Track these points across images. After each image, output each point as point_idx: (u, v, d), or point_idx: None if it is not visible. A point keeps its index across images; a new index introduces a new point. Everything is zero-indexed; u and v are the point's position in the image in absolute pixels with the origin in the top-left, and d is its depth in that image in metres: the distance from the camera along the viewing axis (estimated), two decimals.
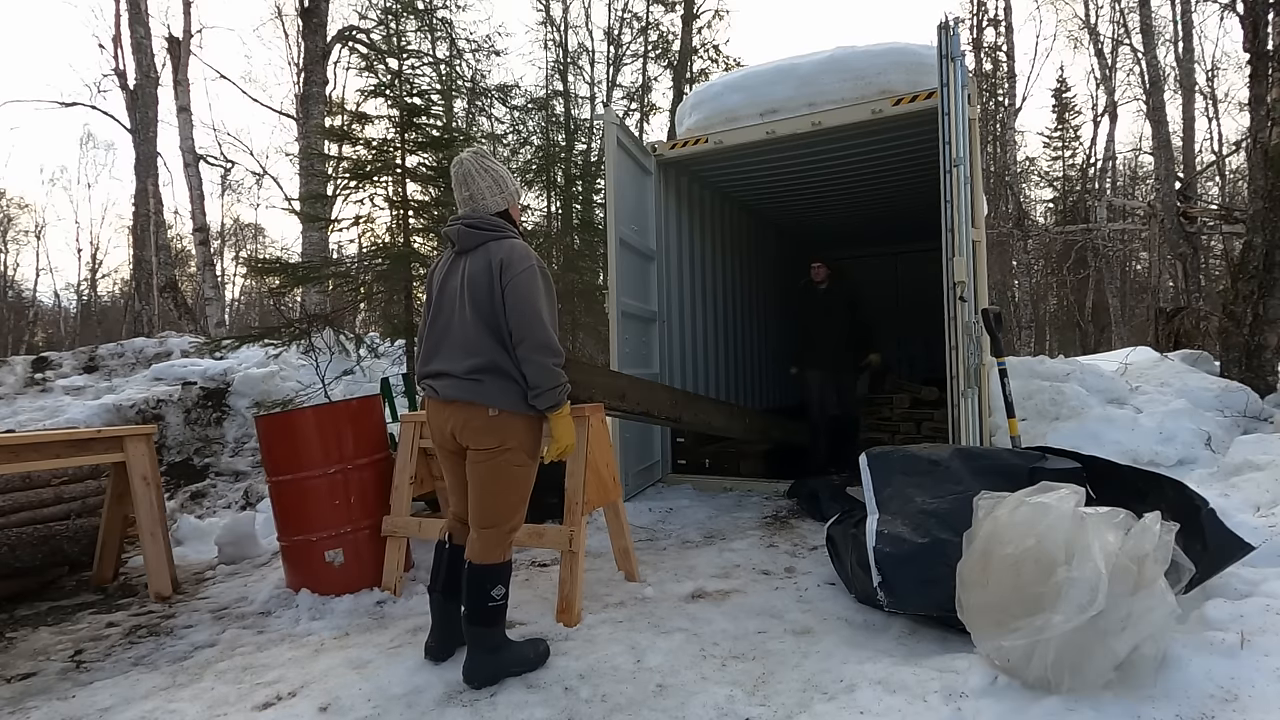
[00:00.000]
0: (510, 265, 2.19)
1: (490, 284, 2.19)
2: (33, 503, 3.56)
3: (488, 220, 2.29)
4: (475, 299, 2.21)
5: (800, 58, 5.13)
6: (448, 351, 2.23)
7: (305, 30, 10.69)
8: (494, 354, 2.18)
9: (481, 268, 2.21)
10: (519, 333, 2.15)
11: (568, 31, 20.15)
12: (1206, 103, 19.68)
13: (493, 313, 2.19)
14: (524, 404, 2.20)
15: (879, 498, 2.64)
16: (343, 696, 2.12)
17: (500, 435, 2.19)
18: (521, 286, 2.17)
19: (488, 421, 2.18)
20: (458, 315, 2.24)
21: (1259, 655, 1.81)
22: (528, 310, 2.16)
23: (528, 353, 2.15)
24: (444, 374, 2.22)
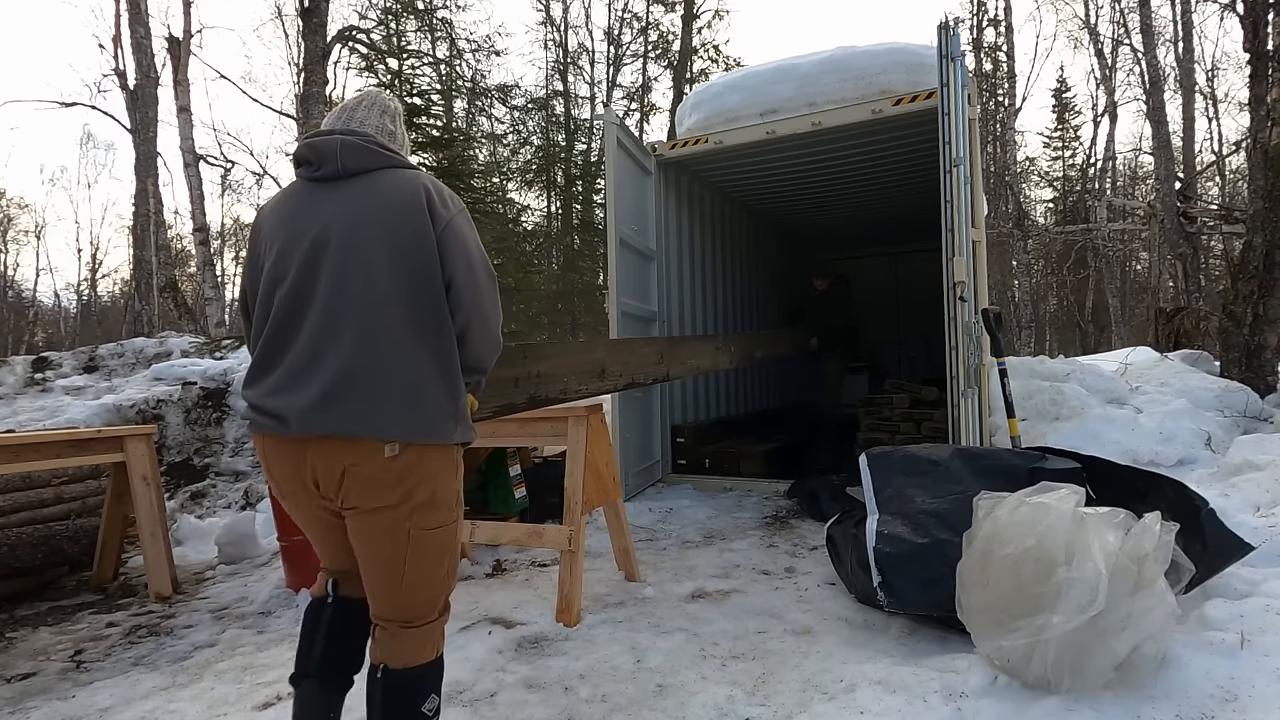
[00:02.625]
0: (444, 198, 1.54)
1: (411, 225, 1.45)
2: (33, 503, 3.56)
3: (383, 143, 1.58)
4: (372, 252, 1.43)
5: (800, 58, 5.13)
6: (307, 350, 1.41)
7: (305, 30, 10.68)
8: (400, 347, 1.41)
9: (388, 204, 1.47)
10: (471, 295, 1.48)
11: (568, 31, 20.17)
12: (1206, 103, 19.70)
13: (410, 273, 1.44)
14: (444, 427, 1.45)
15: (879, 498, 2.64)
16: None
17: (406, 484, 1.42)
18: (468, 230, 1.54)
19: (384, 466, 1.40)
20: (329, 285, 1.42)
21: (1259, 655, 1.81)
22: (479, 263, 1.52)
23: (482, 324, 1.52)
24: (297, 390, 1.40)
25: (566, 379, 2.42)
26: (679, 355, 3.32)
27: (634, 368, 2.88)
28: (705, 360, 3.69)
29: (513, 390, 2.12)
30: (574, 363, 2.50)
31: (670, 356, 3.18)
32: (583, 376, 2.53)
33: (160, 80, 12.05)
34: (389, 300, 1.42)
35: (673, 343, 3.41)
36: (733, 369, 5.84)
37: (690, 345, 3.55)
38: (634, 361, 2.89)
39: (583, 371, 2.54)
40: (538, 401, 2.22)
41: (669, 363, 3.17)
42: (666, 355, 3.16)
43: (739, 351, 4.29)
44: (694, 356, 3.51)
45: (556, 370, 2.34)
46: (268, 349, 1.46)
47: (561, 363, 2.38)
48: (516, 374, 2.13)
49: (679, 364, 3.31)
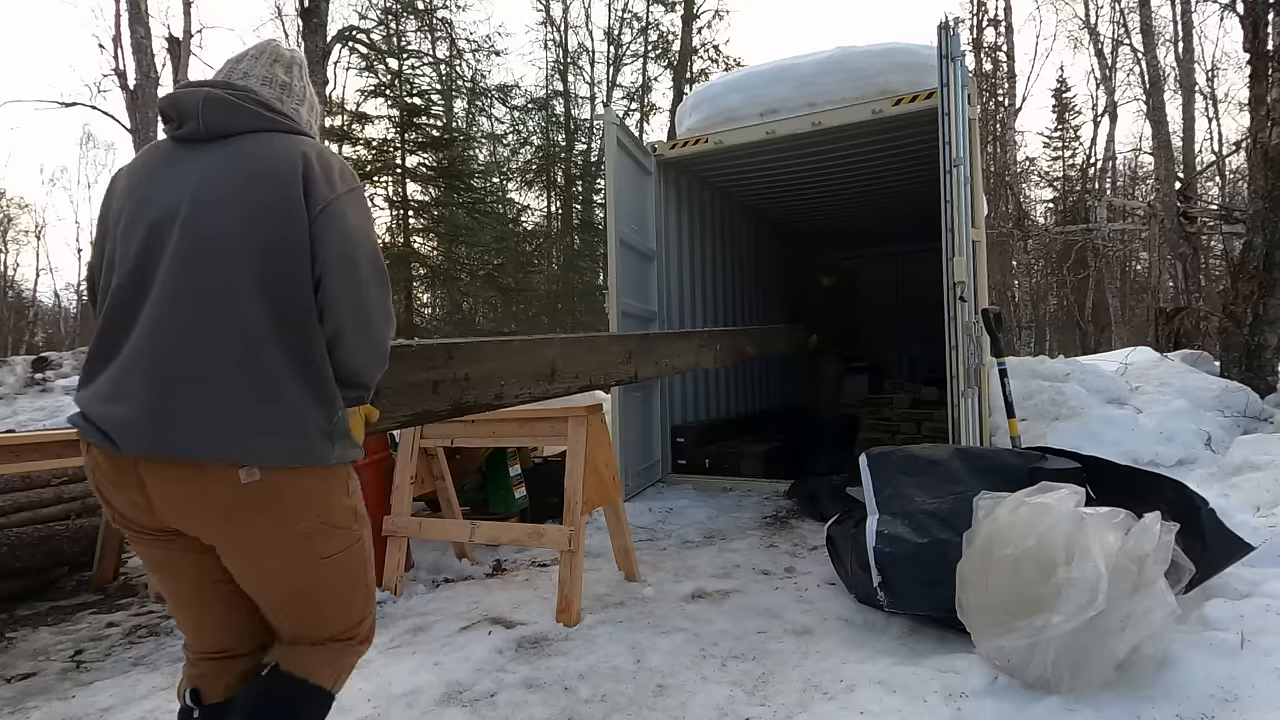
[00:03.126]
0: (329, 173, 1.26)
1: (276, 204, 1.20)
2: (33, 503, 3.56)
3: (264, 99, 1.33)
4: (224, 233, 1.18)
5: (800, 58, 5.13)
6: (140, 349, 1.15)
7: (305, 30, 10.68)
8: (255, 350, 1.16)
9: (252, 175, 1.22)
10: (344, 294, 1.23)
11: (568, 31, 20.18)
12: (1206, 103, 19.70)
13: (268, 262, 1.19)
14: (316, 447, 1.21)
15: (879, 498, 2.64)
16: (342, 696, 2.11)
17: (273, 514, 1.20)
18: (354, 215, 1.27)
19: (240, 493, 1.16)
20: (171, 270, 1.17)
21: (1259, 655, 1.82)
22: (363, 256, 1.26)
23: (359, 330, 1.26)
24: (125, 398, 1.14)
25: (504, 382, 2.06)
26: (651, 353, 2.94)
27: (594, 368, 2.51)
28: (685, 359, 3.34)
29: (430, 396, 1.78)
30: (516, 364, 2.14)
31: (641, 355, 2.83)
32: (526, 379, 2.16)
33: (160, 80, 12.06)
34: (241, 292, 1.16)
35: (645, 340, 2.99)
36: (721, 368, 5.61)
37: (666, 342, 3.16)
38: (594, 361, 2.52)
39: (527, 373, 2.17)
40: (464, 409, 1.92)
41: (638, 362, 2.80)
42: (636, 354, 2.79)
43: (726, 349, 3.90)
44: (671, 355, 3.15)
45: (492, 372, 2.01)
46: (100, 344, 1.20)
47: (499, 365, 2.05)
48: (436, 377, 1.80)
49: (651, 364, 2.94)
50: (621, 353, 2.74)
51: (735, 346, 4.07)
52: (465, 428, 3.20)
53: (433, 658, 2.35)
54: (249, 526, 1.20)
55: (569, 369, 2.35)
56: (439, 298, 15.19)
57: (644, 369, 2.88)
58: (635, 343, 2.88)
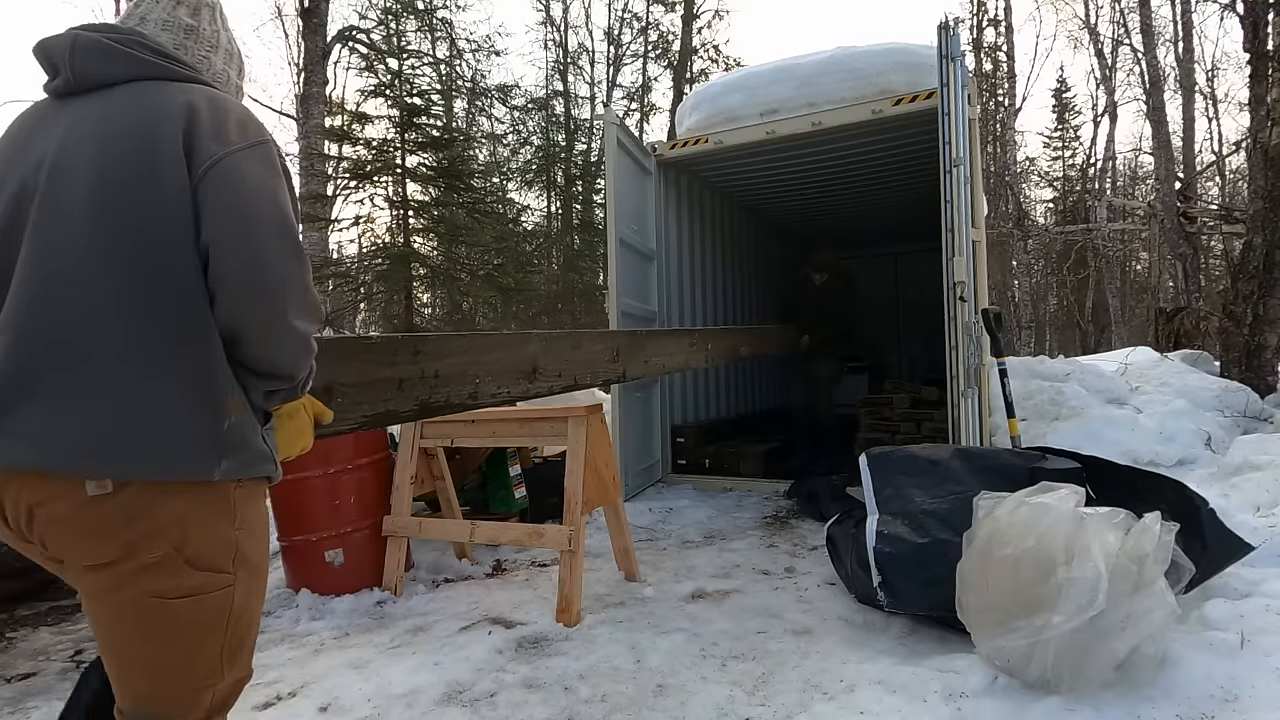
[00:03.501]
0: (222, 125, 1.07)
1: (139, 164, 1.01)
2: None
3: (153, 43, 1.13)
4: (78, 201, 1.01)
5: (800, 58, 5.13)
6: None
7: (305, 30, 10.68)
8: (112, 339, 0.99)
9: (115, 132, 1.03)
10: (241, 268, 1.02)
11: (568, 31, 20.18)
12: (1206, 103, 19.70)
13: (132, 234, 1.00)
14: (191, 457, 1.01)
15: (879, 498, 2.64)
16: (343, 696, 2.12)
17: (124, 535, 0.99)
18: (255, 173, 1.07)
19: (84, 507, 0.98)
20: (30, 246, 1.01)
21: (1259, 655, 1.82)
22: (266, 222, 1.05)
23: (267, 311, 1.04)
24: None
25: (479, 380, 1.90)
26: (641, 352, 2.82)
27: (579, 366, 2.38)
28: (675, 358, 3.20)
29: (395, 394, 1.66)
30: (492, 360, 1.98)
31: (629, 353, 2.70)
32: (504, 377, 2.01)
33: None
34: (95, 270, 0.98)
35: (633, 338, 2.86)
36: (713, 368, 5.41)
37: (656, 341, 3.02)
38: (579, 359, 2.39)
39: (505, 370, 2.02)
40: (433, 409, 1.78)
41: (626, 361, 2.67)
42: (624, 352, 2.65)
43: (719, 348, 3.74)
44: (661, 354, 3.02)
45: (464, 369, 1.86)
46: None
47: (472, 360, 1.89)
48: (402, 374, 1.67)
49: (639, 363, 2.80)
50: (608, 350, 2.60)
51: (728, 346, 3.93)
52: (465, 428, 3.20)
53: (433, 658, 2.35)
54: (85, 545, 0.99)
55: (551, 367, 2.22)
56: (439, 298, 15.20)
57: (632, 368, 2.74)
58: (623, 340, 2.73)
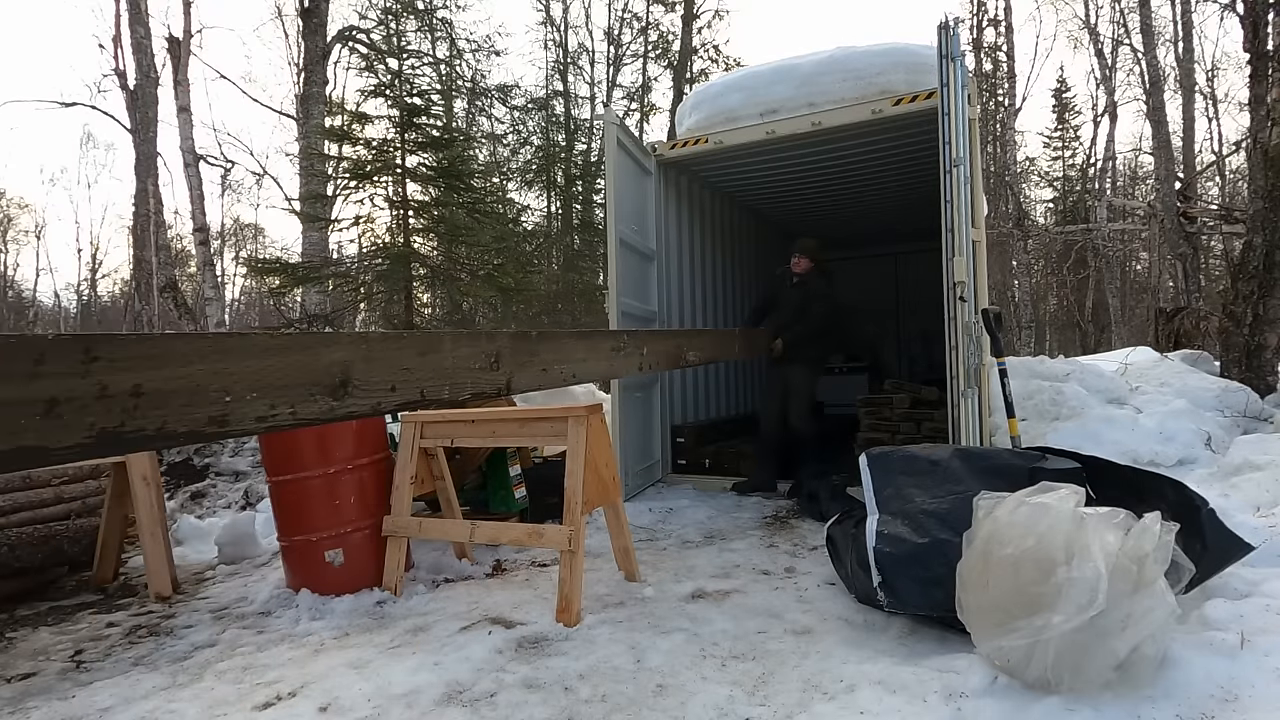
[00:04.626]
0: None
1: None
2: (33, 503, 3.56)
3: None
4: None
5: (800, 58, 5.13)
6: None
7: (305, 30, 10.68)
8: None
9: None
10: None
11: (568, 31, 20.16)
12: (1206, 103, 19.71)
13: None
14: None
15: (879, 498, 2.64)
16: (343, 696, 2.12)
17: None
18: None
19: None
20: None
21: (1259, 655, 1.81)
22: None
23: None
24: None
25: (230, 398, 1.34)
26: (534, 359, 2.27)
27: (428, 376, 1.83)
28: (590, 365, 2.58)
29: (38, 423, 1.09)
30: (260, 370, 1.40)
31: (516, 360, 2.17)
32: (288, 393, 1.46)
33: (160, 80, 12.04)
34: None
35: (522, 341, 2.25)
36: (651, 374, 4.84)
37: (558, 345, 2.45)
38: (429, 367, 1.83)
39: (289, 384, 1.46)
40: (129, 440, 1.21)
41: (512, 369, 2.15)
42: (508, 358, 2.13)
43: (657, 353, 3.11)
44: (567, 359, 2.45)
45: (201, 383, 1.31)
46: None
47: (217, 370, 1.33)
48: (56, 390, 1.12)
49: (534, 370, 2.27)
50: (481, 356, 2.04)
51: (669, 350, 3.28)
52: (465, 427, 3.21)
53: (433, 658, 2.35)
54: None
55: (376, 377, 1.68)
56: (439, 298, 15.20)
57: (523, 377, 2.22)
58: (507, 344, 2.19)
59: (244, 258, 28.28)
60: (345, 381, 1.61)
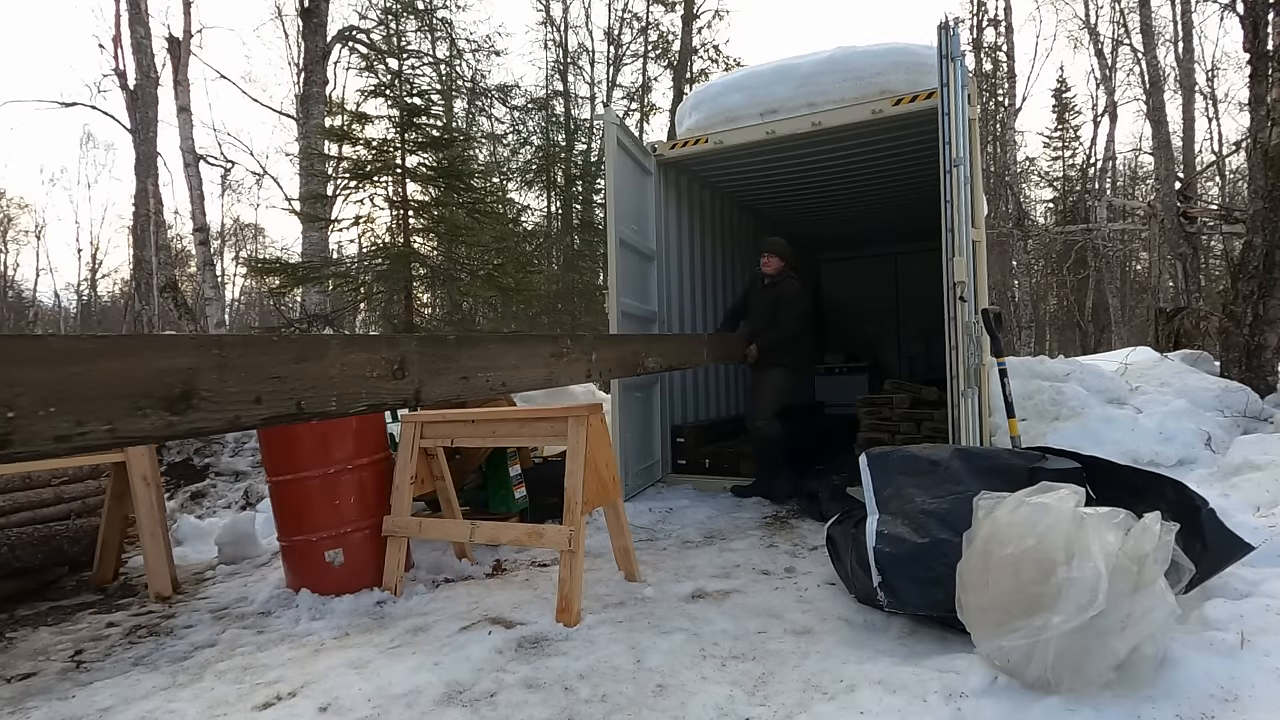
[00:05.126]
0: None
1: None
2: (33, 503, 3.56)
3: None
4: None
5: (800, 58, 5.13)
6: None
7: (305, 30, 10.69)
8: None
9: None
10: None
11: (568, 31, 20.15)
12: (1206, 103, 19.72)
13: None
14: None
15: (879, 498, 2.64)
16: (343, 696, 2.12)
17: None
18: None
19: None
20: None
21: (1259, 655, 1.81)
22: None
23: None
24: None
25: (13, 415, 1.12)
26: (450, 365, 1.97)
27: (313, 384, 1.58)
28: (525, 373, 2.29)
29: None
30: (48, 382, 1.18)
31: (427, 366, 1.88)
32: (100, 407, 1.26)
33: (160, 80, 12.04)
34: None
35: (433, 346, 1.94)
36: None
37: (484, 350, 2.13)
38: (314, 375, 1.58)
39: (100, 395, 1.25)
40: None
41: (422, 376, 1.85)
42: (414, 365, 1.83)
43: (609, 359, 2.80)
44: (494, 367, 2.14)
45: None
46: None
47: None
48: None
49: (447, 380, 1.95)
50: (381, 362, 1.75)
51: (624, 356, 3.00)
52: (465, 427, 3.20)
53: (433, 658, 2.35)
54: None
55: (233, 388, 1.44)
56: (439, 298, 15.20)
57: (435, 387, 1.92)
58: (414, 349, 1.85)
59: (244, 258, 28.29)
60: (188, 393, 1.40)
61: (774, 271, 4.81)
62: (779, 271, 4.81)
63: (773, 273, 4.81)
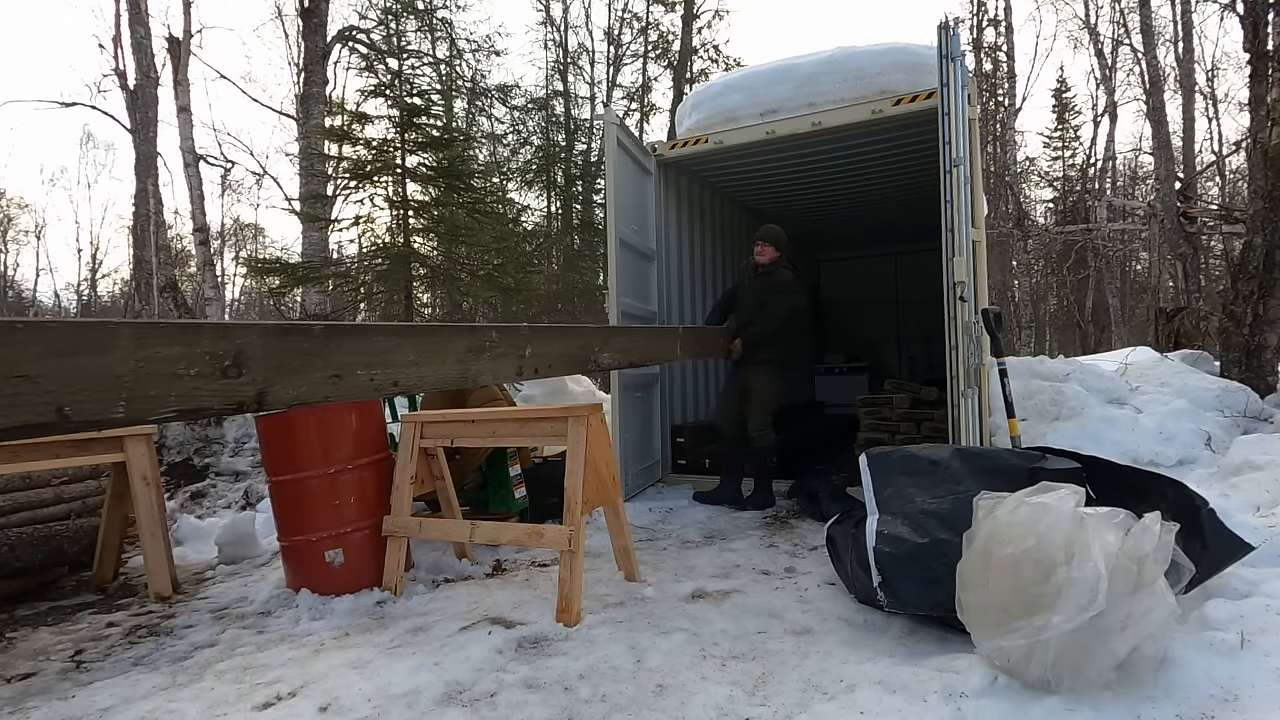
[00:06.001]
0: None
1: None
2: (33, 503, 3.56)
3: None
4: None
5: (800, 58, 5.13)
6: None
7: (305, 30, 10.68)
8: None
9: None
10: None
11: (568, 31, 20.15)
12: (1206, 103, 19.72)
13: None
14: None
15: (879, 498, 2.64)
16: (343, 696, 2.12)
17: None
18: None
19: None
20: None
21: (1259, 655, 1.81)
22: None
23: None
24: None
25: None
26: (314, 362, 1.64)
27: (77, 389, 1.27)
28: (427, 370, 1.96)
29: None
30: None
31: (275, 363, 1.55)
32: None
33: (160, 80, 12.03)
34: None
35: (288, 338, 1.60)
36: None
37: (366, 344, 1.78)
38: (80, 375, 1.27)
39: None
40: None
41: (267, 374, 1.53)
42: (256, 362, 1.52)
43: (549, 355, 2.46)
44: (384, 364, 1.82)
45: None
46: None
47: None
48: None
49: (310, 378, 1.63)
50: (204, 358, 1.43)
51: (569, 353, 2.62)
52: (465, 427, 3.21)
53: (433, 658, 2.35)
54: None
55: None
56: (439, 298, 15.20)
57: (289, 387, 1.58)
58: (257, 340, 1.52)
59: (244, 258, 28.29)
60: None
61: (768, 261, 4.52)
62: (774, 261, 4.52)
63: (767, 262, 4.52)
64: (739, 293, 4.66)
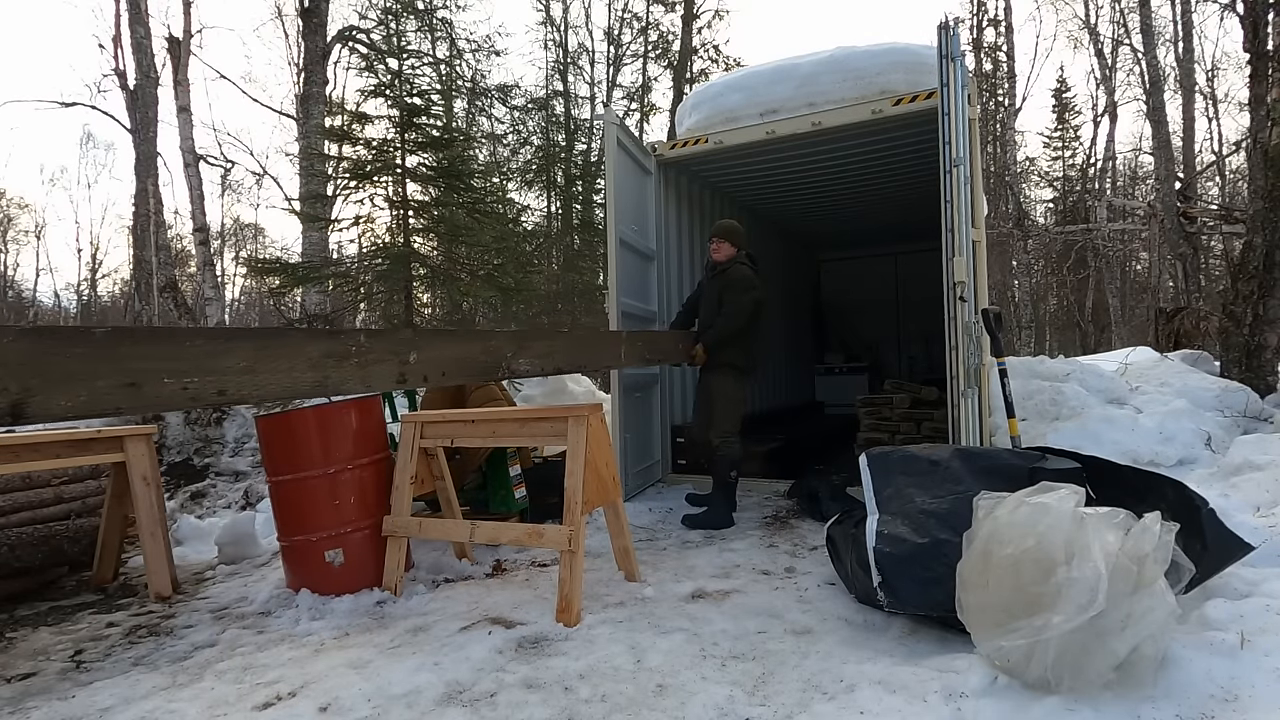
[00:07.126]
0: None
1: None
2: (33, 503, 3.56)
3: None
4: None
5: (800, 58, 5.13)
6: None
7: (305, 30, 10.68)
8: None
9: None
10: None
11: (568, 31, 20.14)
12: (1206, 103, 19.72)
13: None
14: None
15: (879, 498, 2.64)
16: (343, 696, 2.12)
17: None
18: None
19: None
20: None
21: (1259, 655, 1.81)
22: None
23: None
24: None
25: None
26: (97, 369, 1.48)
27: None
28: (268, 379, 1.78)
29: None
30: None
31: (42, 372, 1.40)
32: None
33: (160, 80, 12.03)
34: None
35: (53, 342, 1.44)
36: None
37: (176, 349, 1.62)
38: None
39: None
40: None
41: (27, 384, 1.37)
42: (10, 369, 1.35)
43: (443, 361, 2.33)
44: (198, 371, 1.65)
45: None
46: None
47: None
48: None
49: (89, 387, 1.46)
50: None
51: (470, 358, 2.44)
52: (465, 427, 3.20)
53: (433, 658, 2.35)
54: None
55: None
56: (439, 298, 15.20)
57: (55, 398, 1.41)
58: (10, 343, 1.37)
59: (244, 258, 28.29)
60: None
61: (724, 258, 4.28)
62: (730, 258, 4.27)
63: (722, 259, 4.28)
64: (702, 294, 4.44)
